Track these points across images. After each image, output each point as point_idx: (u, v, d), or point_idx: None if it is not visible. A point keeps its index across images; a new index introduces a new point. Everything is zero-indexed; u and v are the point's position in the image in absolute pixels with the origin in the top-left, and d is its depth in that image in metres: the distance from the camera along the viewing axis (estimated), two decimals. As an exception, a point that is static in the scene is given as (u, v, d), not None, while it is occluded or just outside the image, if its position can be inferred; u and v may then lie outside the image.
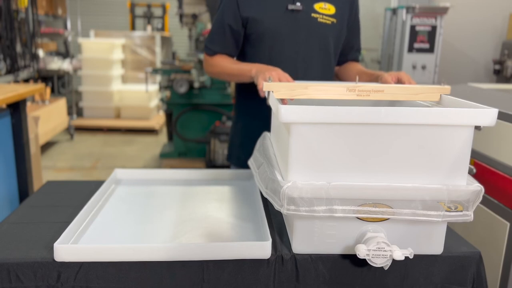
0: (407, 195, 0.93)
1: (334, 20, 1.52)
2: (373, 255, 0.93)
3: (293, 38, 1.50)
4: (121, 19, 7.79)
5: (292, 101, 1.19)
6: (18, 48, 4.74)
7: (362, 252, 0.93)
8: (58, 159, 4.84)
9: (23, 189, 2.51)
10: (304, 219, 0.97)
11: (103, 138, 5.80)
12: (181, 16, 4.17)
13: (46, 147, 5.22)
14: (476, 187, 0.93)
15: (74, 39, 7.04)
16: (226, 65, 1.53)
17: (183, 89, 3.91)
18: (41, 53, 5.70)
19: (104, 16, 8.01)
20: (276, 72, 1.29)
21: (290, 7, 1.47)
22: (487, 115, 0.91)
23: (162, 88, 4.27)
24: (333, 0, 1.53)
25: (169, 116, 4.49)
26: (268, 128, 1.36)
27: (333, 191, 0.91)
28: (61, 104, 5.33)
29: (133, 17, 7.03)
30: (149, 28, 6.90)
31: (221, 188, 1.40)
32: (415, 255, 0.97)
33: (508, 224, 1.64)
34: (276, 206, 0.95)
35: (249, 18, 1.49)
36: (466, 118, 0.92)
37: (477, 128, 0.94)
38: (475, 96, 2.10)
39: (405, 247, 0.95)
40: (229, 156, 1.73)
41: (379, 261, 0.93)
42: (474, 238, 1.70)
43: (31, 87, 2.60)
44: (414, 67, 4.38)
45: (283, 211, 0.92)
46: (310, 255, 1.00)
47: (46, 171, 4.37)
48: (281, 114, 0.90)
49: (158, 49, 6.56)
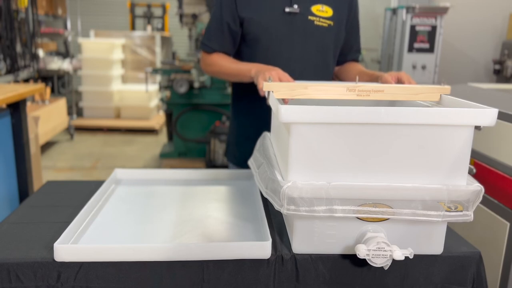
0: (407, 195, 0.93)
1: (331, 23, 1.52)
2: (373, 255, 0.93)
3: (289, 40, 1.50)
4: (121, 19, 7.79)
5: (292, 100, 1.19)
6: (18, 48, 4.74)
7: (362, 252, 0.93)
8: (58, 159, 4.84)
9: (23, 189, 2.51)
10: (304, 219, 0.97)
11: (103, 138, 5.80)
12: (181, 16, 4.17)
13: (46, 147, 5.22)
14: (476, 187, 0.93)
15: (74, 39, 7.04)
16: (225, 65, 1.53)
17: (183, 89, 3.91)
18: (41, 53, 5.69)
19: (104, 16, 8.01)
20: (276, 71, 1.29)
21: (287, 9, 1.47)
22: (487, 115, 0.91)
23: (162, 88, 4.27)
24: (330, 2, 1.53)
25: (169, 116, 4.49)
26: (263, 127, 1.36)
27: (333, 191, 0.91)
28: (61, 104, 5.33)
29: (133, 17, 7.03)
30: (149, 28, 6.90)
31: (221, 188, 1.40)
32: (415, 255, 0.97)
33: (508, 224, 1.64)
34: (276, 206, 0.95)
35: (246, 18, 1.49)
36: (466, 118, 0.92)
37: (477, 128, 0.94)
38: (475, 96, 2.10)
39: (405, 247, 0.95)
40: (226, 154, 1.74)
41: (379, 261, 0.93)
42: (474, 238, 1.69)
43: (31, 87, 2.60)
44: (414, 67, 4.38)
45: (283, 211, 0.92)
46: (310, 255, 1.00)
47: (46, 171, 4.37)
48: (281, 114, 0.90)
49: (158, 49, 6.55)
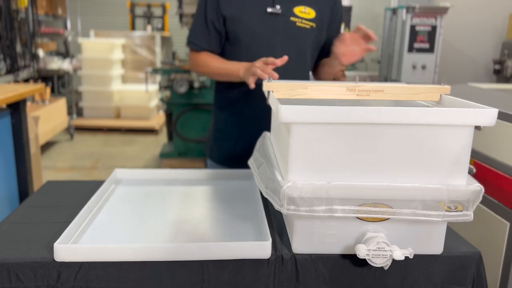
0: (407, 195, 0.93)
1: (314, 25, 1.52)
2: (373, 255, 0.93)
3: (270, 40, 1.50)
4: (121, 19, 7.80)
5: (292, 100, 1.19)
6: (18, 48, 4.74)
7: (362, 252, 0.93)
8: (58, 159, 4.84)
9: (23, 189, 2.51)
10: (304, 219, 0.97)
11: (103, 138, 5.80)
12: (181, 16, 4.17)
13: (46, 147, 5.22)
14: (476, 187, 0.93)
15: (74, 39, 7.04)
16: (214, 65, 1.54)
17: (183, 89, 3.91)
18: (41, 53, 5.70)
19: (104, 16, 8.01)
20: (260, 64, 1.32)
21: (269, 9, 1.47)
22: (487, 115, 0.91)
23: (162, 88, 4.27)
24: (313, 4, 1.52)
25: (169, 116, 4.48)
26: (243, 125, 1.38)
27: (333, 191, 0.91)
28: (61, 104, 5.33)
29: (133, 17, 7.03)
30: (149, 28, 6.90)
31: (221, 188, 1.40)
32: (415, 255, 0.97)
33: (508, 224, 1.64)
34: (276, 206, 0.95)
35: (228, 17, 1.49)
36: (466, 118, 0.92)
37: (477, 128, 0.94)
38: (475, 96, 2.10)
39: (405, 247, 0.95)
40: (206, 150, 1.75)
41: (379, 261, 0.93)
42: (474, 238, 1.69)
43: (31, 87, 2.60)
44: (414, 67, 4.38)
45: (283, 211, 0.92)
46: (310, 255, 1.00)
47: (46, 171, 4.37)
48: (281, 114, 0.90)
49: (158, 49, 6.55)
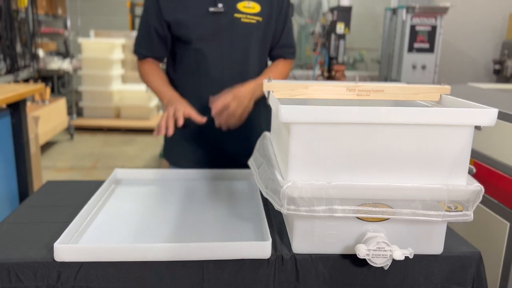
0: (407, 195, 0.93)
1: (260, 19, 1.51)
2: (373, 255, 0.93)
3: (216, 39, 1.49)
4: (121, 19, 7.79)
5: (292, 100, 1.19)
6: (18, 48, 4.74)
7: (362, 252, 0.93)
8: (58, 159, 4.85)
9: (23, 189, 2.51)
10: (304, 219, 0.97)
11: (103, 138, 5.80)
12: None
13: (46, 147, 5.22)
14: (476, 187, 0.93)
15: (74, 39, 7.04)
16: (152, 82, 1.57)
17: (183, 89, 3.90)
18: (41, 53, 5.70)
19: (104, 16, 8.01)
20: (171, 111, 1.33)
21: (212, 9, 1.46)
22: (487, 115, 0.91)
23: (162, 88, 4.26)
24: None
25: (169, 116, 4.47)
26: (200, 126, 1.39)
27: (333, 191, 0.91)
28: (61, 104, 5.33)
29: (133, 17, 7.02)
30: (149, 28, 6.88)
31: (221, 188, 1.40)
32: (415, 255, 0.97)
33: (508, 224, 1.64)
34: (276, 206, 0.95)
35: (172, 22, 1.48)
36: (466, 118, 0.92)
37: (477, 128, 0.94)
38: (475, 96, 2.10)
39: (405, 247, 0.95)
40: (163, 152, 1.73)
41: (379, 261, 0.93)
42: (474, 238, 1.69)
43: (31, 87, 2.60)
44: (414, 67, 4.37)
45: (283, 211, 0.92)
46: (310, 255, 1.00)
47: (46, 171, 4.37)
48: (281, 114, 0.90)
49: (158, 49, 6.54)
